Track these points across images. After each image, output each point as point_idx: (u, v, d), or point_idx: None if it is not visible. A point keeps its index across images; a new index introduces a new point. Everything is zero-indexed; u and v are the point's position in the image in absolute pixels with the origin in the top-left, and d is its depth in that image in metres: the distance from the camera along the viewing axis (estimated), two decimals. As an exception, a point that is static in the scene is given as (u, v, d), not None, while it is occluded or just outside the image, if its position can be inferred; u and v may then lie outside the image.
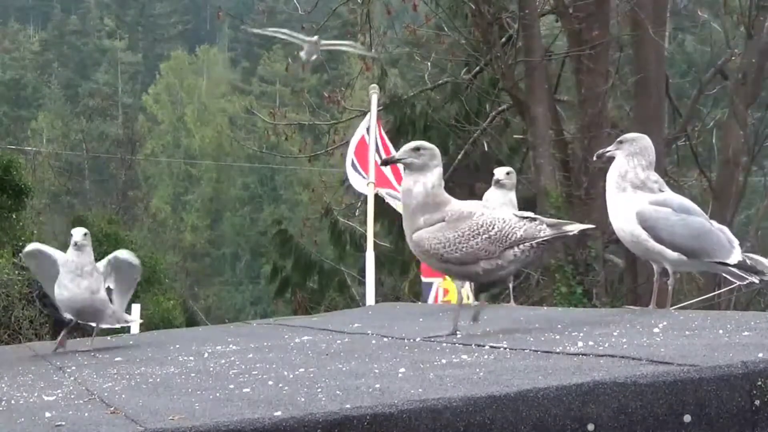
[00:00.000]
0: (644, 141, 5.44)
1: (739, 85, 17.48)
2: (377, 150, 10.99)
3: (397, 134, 19.11)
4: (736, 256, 5.26)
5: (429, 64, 20.37)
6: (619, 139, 5.48)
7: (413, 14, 21.32)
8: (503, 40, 17.96)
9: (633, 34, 17.23)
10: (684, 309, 6.39)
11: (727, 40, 19.64)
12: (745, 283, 5.40)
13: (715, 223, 5.45)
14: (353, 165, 11.23)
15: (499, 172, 7.46)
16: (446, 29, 19.90)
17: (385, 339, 5.16)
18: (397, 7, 20.78)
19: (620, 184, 5.36)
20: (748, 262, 5.28)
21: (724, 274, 5.45)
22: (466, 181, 19.00)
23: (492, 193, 7.42)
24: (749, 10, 17.52)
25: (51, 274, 6.49)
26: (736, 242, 5.34)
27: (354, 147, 11.36)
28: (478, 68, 19.24)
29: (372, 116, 11.24)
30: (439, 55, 20.23)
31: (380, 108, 12.13)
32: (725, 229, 5.44)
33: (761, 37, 17.31)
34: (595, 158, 5.74)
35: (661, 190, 5.38)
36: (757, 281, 5.37)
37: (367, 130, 11.28)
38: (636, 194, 5.33)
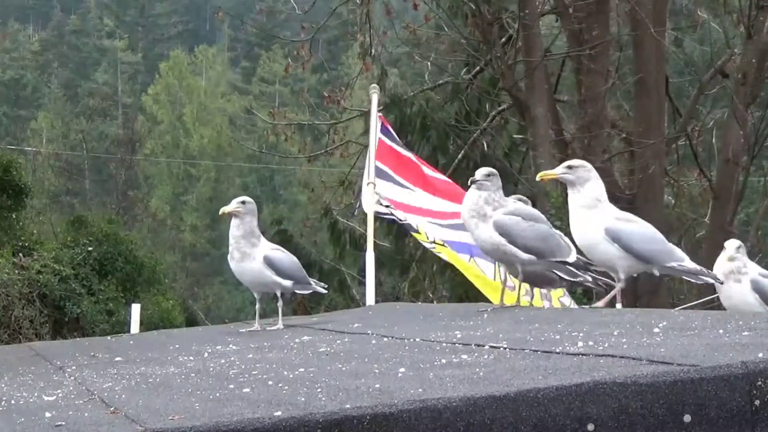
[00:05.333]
0: None
1: (739, 85, 17.47)
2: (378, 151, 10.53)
3: (397, 134, 19.09)
4: (573, 256, 6.00)
5: (429, 63, 20.35)
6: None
7: (413, 14, 21.30)
8: (503, 40, 17.97)
9: (633, 34, 17.24)
10: (684, 309, 6.38)
11: (727, 40, 19.63)
12: (577, 279, 6.14)
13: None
14: (382, 173, 10.15)
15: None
16: (446, 29, 19.88)
17: (385, 339, 5.15)
18: (398, 7, 20.75)
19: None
20: (581, 262, 6.03)
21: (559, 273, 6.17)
22: (465, 181, 18.97)
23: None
24: (749, 10, 17.51)
25: None
26: (572, 245, 6.04)
27: (373, 154, 10.38)
28: (478, 68, 19.23)
29: (372, 117, 11.12)
30: (439, 55, 20.21)
31: (380, 108, 11.91)
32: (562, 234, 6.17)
33: (761, 37, 17.30)
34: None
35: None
36: (590, 279, 6.14)
37: (382, 133, 10.75)
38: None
